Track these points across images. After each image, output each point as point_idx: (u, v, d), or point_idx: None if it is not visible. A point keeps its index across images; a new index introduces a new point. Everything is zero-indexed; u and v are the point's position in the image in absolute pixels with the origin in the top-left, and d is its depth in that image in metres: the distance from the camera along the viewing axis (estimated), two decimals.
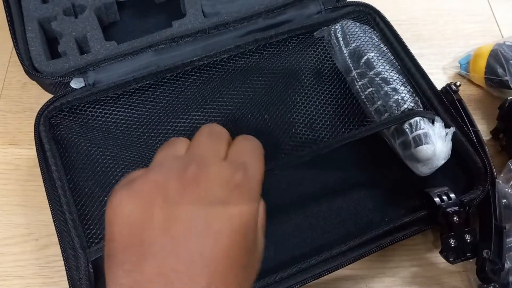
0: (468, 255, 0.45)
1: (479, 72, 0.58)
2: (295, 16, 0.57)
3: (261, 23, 0.56)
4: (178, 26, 0.55)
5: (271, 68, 0.55)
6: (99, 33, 0.54)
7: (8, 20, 0.53)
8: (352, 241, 0.44)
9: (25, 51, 0.52)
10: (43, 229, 0.51)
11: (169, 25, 0.55)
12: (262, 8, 0.56)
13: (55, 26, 0.54)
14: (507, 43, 0.58)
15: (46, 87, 0.53)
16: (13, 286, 0.48)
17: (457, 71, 0.62)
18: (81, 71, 0.51)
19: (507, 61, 0.56)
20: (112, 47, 0.53)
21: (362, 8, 0.57)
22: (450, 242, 0.44)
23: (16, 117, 0.58)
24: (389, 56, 0.53)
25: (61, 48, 0.53)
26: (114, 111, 0.52)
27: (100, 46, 0.53)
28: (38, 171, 0.47)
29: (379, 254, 0.49)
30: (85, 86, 0.51)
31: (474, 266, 0.48)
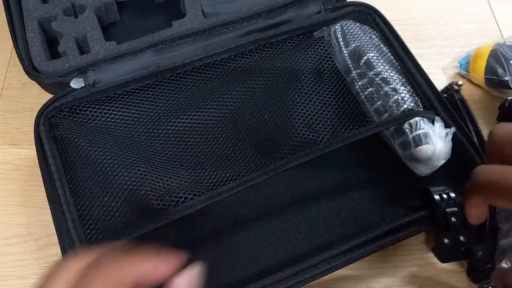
0: (461, 256, 0.45)
1: (479, 72, 0.58)
2: (295, 16, 0.57)
3: (261, 23, 0.56)
4: (178, 26, 0.55)
5: (271, 68, 0.55)
6: (99, 33, 0.54)
7: (8, 20, 0.53)
8: (352, 241, 0.44)
9: (25, 51, 0.52)
10: (43, 229, 0.51)
11: (169, 25, 0.55)
12: (262, 8, 0.56)
13: (55, 26, 0.54)
14: (507, 43, 0.58)
15: (46, 87, 0.53)
16: (13, 286, 0.48)
17: (457, 71, 0.62)
18: (81, 71, 0.51)
19: (507, 61, 0.56)
20: (112, 47, 0.53)
21: (362, 8, 0.57)
22: (444, 241, 0.44)
23: (16, 117, 0.58)
24: (389, 56, 0.53)
25: (61, 48, 0.53)
26: (114, 111, 0.52)
27: (100, 46, 0.53)
28: (38, 171, 0.47)
29: (379, 254, 0.49)
30: (85, 86, 0.51)
31: None
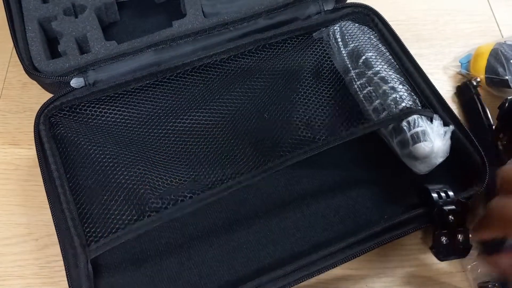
0: (459, 254, 0.45)
1: (480, 72, 0.58)
2: (295, 17, 0.57)
3: (261, 23, 0.56)
4: (178, 26, 0.55)
5: (271, 69, 0.55)
6: (99, 33, 0.54)
7: (8, 20, 0.54)
8: (351, 238, 0.44)
9: (25, 51, 0.52)
10: (43, 229, 0.51)
11: (169, 25, 0.55)
12: (262, 8, 0.56)
13: (55, 26, 0.54)
14: (508, 43, 0.58)
15: (46, 87, 0.53)
16: (13, 286, 0.48)
17: (457, 70, 0.62)
18: (81, 71, 0.51)
19: (507, 60, 0.56)
20: (112, 47, 0.53)
21: (361, 9, 0.57)
22: (442, 239, 0.44)
23: (16, 117, 0.58)
24: (388, 56, 0.53)
25: (61, 48, 0.53)
26: (114, 111, 0.52)
27: (100, 46, 0.53)
28: (38, 171, 0.47)
29: (379, 254, 0.49)
30: (85, 86, 0.51)
31: (474, 266, 0.48)
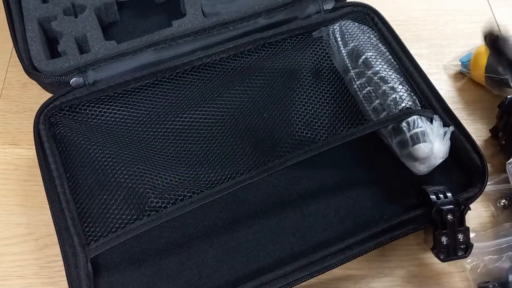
0: (460, 254, 0.45)
1: (480, 70, 0.58)
2: (294, 16, 0.57)
3: (261, 22, 0.56)
4: (178, 26, 0.55)
5: (270, 68, 0.55)
6: (99, 33, 0.54)
7: (8, 20, 0.54)
8: (351, 239, 0.44)
9: (25, 51, 0.52)
10: (43, 229, 0.51)
11: (169, 24, 0.55)
12: (262, 8, 0.56)
13: (55, 26, 0.54)
14: None
15: (46, 87, 0.53)
16: (13, 286, 0.48)
17: (458, 69, 0.62)
18: (80, 71, 0.51)
19: None
20: (112, 47, 0.53)
21: (361, 9, 0.57)
22: (442, 240, 0.44)
23: (16, 117, 0.58)
24: (387, 56, 0.53)
25: (61, 48, 0.53)
26: (113, 110, 0.52)
27: (100, 46, 0.53)
28: (38, 171, 0.47)
29: (379, 254, 0.49)
30: (85, 85, 0.51)
31: (474, 266, 0.48)
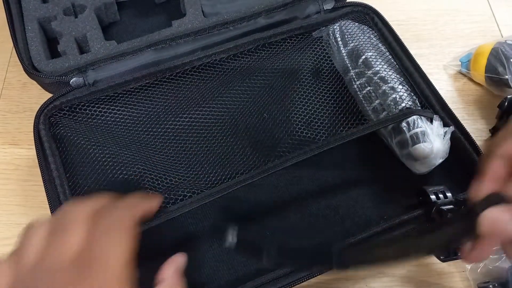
0: (460, 254, 0.45)
1: (480, 70, 0.58)
2: (294, 16, 0.57)
3: (261, 22, 0.56)
4: (178, 26, 0.55)
5: (270, 68, 0.55)
6: (99, 33, 0.54)
7: (8, 20, 0.53)
8: (351, 238, 0.44)
9: (25, 51, 0.52)
10: None
11: (169, 24, 0.55)
12: (262, 7, 0.56)
13: (55, 26, 0.54)
14: (508, 42, 0.58)
15: (46, 87, 0.53)
16: None
17: (458, 69, 0.62)
18: (80, 70, 0.51)
19: (507, 59, 0.56)
20: (112, 47, 0.53)
21: (361, 9, 0.57)
22: None
23: (16, 117, 0.58)
24: (387, 56, 0.53)
25: (61, 48, 0.53)
26: (113, 110, 0.52)
27: (100, 46, 0.53)
28: (38, 171, 0.47)
29: None
30: (85, 85, 0.51)
31: (474, 266, 0.48)
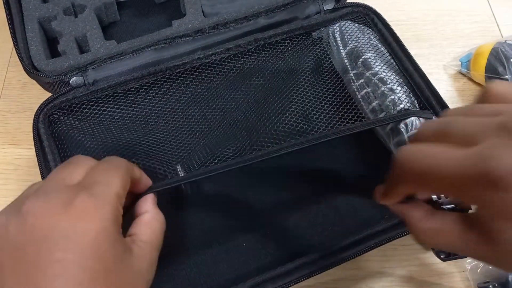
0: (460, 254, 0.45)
1: (480, 71, 0.58)
2: (294, 16, 0.57)
3: (261, 23, 0.56)
4: (178, 26, 0.55)
5: (270, 68, 0.55)
6: (99, 33, 0.54)
7: (8, 20, 0.53)
8: (351, 238, 0.44)
9: (24, 50, 0.52)
10: None
11: (169, 24, 0.55)
12: (262, 8, 0.56)
13: (55, 25, 0.54)
14: (508, 42, 0.58)
15: (46, 86, 0.53)
16: None
17: (458, 69, 0.62)
18: (80, 70, 0.51)
19: (507, 59, 0.56)
20: (112, 46, 0.53)
21: (361, 9, 0.57)
22: None
23: (16, 117, 0.58)
24: (387, 57, 0.53)
25: (61, 47, 0.53)
26: (113, 110, 0.52)
27: (100, 45, 0.53)
28: (38, 171, 0.47)
29: (379, 254, 0.49)
30: (85, 85, 0.51)
31: (474, 266, 0.48)
